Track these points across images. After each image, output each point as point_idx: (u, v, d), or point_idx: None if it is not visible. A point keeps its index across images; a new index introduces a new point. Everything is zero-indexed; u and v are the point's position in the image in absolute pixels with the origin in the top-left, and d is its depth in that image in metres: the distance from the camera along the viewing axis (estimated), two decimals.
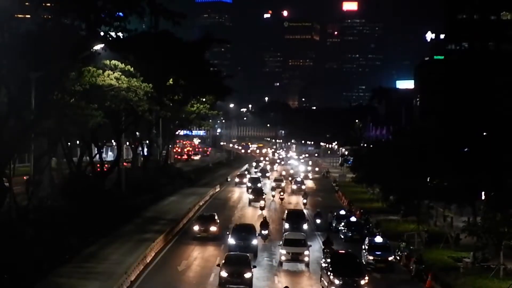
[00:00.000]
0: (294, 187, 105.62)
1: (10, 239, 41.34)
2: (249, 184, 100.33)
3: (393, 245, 49.67)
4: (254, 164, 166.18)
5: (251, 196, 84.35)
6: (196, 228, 56.92)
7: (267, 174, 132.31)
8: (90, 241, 50.79)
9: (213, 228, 56.94)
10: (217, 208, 76.11)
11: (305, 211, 74.12)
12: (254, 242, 49.84)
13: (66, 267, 42.72)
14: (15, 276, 36.80)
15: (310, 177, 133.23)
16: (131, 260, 44.29)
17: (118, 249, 50.12)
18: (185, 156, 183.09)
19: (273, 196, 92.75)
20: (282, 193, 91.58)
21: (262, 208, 76.98)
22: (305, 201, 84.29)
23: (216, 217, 58.86)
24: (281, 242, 48.51)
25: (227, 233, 52.15)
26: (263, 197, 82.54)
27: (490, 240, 43.83)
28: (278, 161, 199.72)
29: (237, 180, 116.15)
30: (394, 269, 46.18)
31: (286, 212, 64.76)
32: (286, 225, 59.69)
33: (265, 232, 55.85)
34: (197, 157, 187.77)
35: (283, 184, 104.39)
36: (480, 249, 45.60)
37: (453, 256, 48.89)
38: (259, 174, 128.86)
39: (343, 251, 46.09)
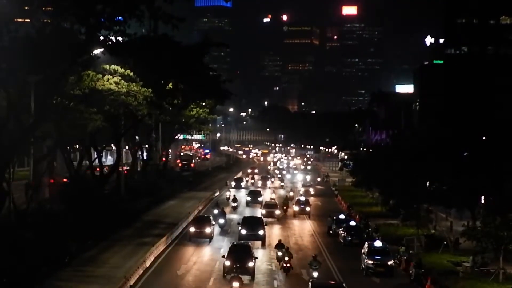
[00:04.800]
0: (296, 208, 77.97)
1: (9, 243, 41.29)
2: (243, 232, 56.51)
3: (393, 249, 49.62)
4: (233, 184, 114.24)
5: (227, 262, 43.20)
6: None
7: (260, 199, 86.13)
8: (89, 245, 50.80)
9: None
10: None
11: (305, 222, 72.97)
12: None
13: (65, 271, 42.74)
14: (14, 280, 36.78)
15: (312, 192, 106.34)
16: (131, 264, 44.24)
17: (117, 252, 50.11)
18: (202, 156, 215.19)
19: (279, 259, 47.69)
20: (288, 259, 45.99)
21: None
22: (317, 274, 43.81)
23: None
24: None
25: None
26: (249, 265, 43.18)
27: (490, 244, 43.88)
28: (269, 176, 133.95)
29: (192, 230, 58.23)
30: (393, 274, 46.09)
31: (310, 285, 36.61)
32: None
33: None
34: (208, 156, 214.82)
35: (277, 212, 74.19)
36: (480, 253, 45.68)
37: (452, 260, 48.94)
38: (248, 198, 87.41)
39: None
